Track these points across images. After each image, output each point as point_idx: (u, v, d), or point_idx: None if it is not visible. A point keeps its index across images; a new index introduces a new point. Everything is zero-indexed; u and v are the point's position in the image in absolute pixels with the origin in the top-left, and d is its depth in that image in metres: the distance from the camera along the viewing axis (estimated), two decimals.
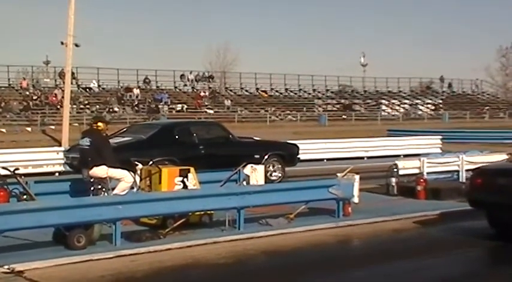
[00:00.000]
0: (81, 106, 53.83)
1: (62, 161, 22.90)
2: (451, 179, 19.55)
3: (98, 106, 54.65)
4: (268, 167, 19.99)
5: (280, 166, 20.48)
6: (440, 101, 75.82)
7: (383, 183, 18.11)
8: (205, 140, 19.87)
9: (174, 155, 18.04)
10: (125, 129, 21.35)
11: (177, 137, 19.50)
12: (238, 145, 20.38)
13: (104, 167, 13.24)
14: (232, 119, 53.28)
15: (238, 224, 12.60)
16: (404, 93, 77.20)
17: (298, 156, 21.71)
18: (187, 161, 15.83)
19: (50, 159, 23.60)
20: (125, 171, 13.43)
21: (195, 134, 19.80)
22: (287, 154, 21.07)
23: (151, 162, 14.12)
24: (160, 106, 56.86)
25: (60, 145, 30.34)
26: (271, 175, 20.02)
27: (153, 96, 59.57)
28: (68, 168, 20.85)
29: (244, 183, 15.26)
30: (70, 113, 35.88)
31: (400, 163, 18.63)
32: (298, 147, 21.93)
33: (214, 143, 20.01)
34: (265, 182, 18.19)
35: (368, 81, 77.35)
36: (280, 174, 20.36)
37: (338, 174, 15.18)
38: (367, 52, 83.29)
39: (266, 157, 19.85)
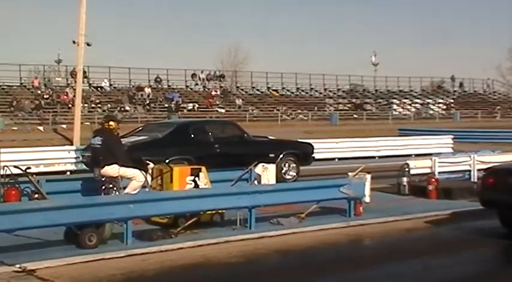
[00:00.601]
0: (93, 105, 53.97)
1: (74, 160, 23.03)
2: (463, 178, 19.48)
3: (109, 105, 54.78)
4: (283, 166, 20.09)
5: (295, 165, 20.55)
6: (452, 101, 75.60)
7: (394, 183, 18.07)
8: (221, 138, 19.92)
9: (189, 153, 18.14)
10: (140, 128, 21.45)
11: (192, 136, 19.55)
12: (253, 144, 20.42)
13: (115, 166, 13.26)
14: (243, 118, 53.25)
15: (250, 223, 12.59)
16: (416, 92, 77.02)
17: (313, 155, 21.72)
18: (203, 160, 16.06)
19: (62, 158, 23.64)
20: (137, 170, 13.46)
21: (210, 133, 19.86)
22: (302, 153, 21.10)
23: (167, 161, 14.12)
24: (173, 105, 57.01)
25: (71, 144, 30.42)
26: (286, 174, 20.11)
27: (164, 96, 59.65)
28: (84, 166, 20.91)
29: (256, 182, 15.27)
30: (81, 112, 35.99)
31: (412, 162, 18.57)
32: (312, 146, 21.94)
33: (230, 142, 20.05)
34: (280, 181, 18.37)
35: (379, 80, 77.24)
36: (295, 173, 20.41)
37: (349, 174, 15.15)
38: (378, 51, 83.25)
39: (281, 156, 19.98)
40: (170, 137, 19.22)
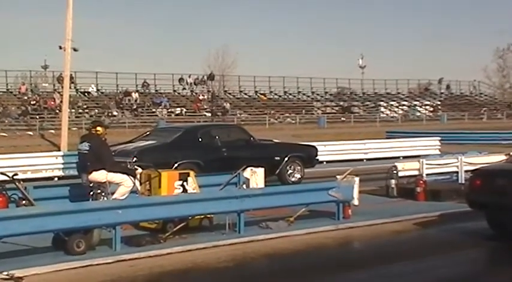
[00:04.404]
0: (80, 110, 53.83)
1: (61, 166, 22.95)
2: (450, 180, 19.53)
3: (96, 110, 54.67)
4: (288, 168, 20.38)
5: (299, 167, 20.86)
6: (439, 103, 75.92)
7: (383, 185, 18.08)
8: (228, 142, 20.03)
9: (197, 157, 18.43)
10: (148, 133, 21.53)
11: (200, 140, 19.65)
12: (259, 147, 20.62)
13: (103, 171, 13.21)
14: (231, 122, 53.20)
15: (239, 228, 12.58)
16: (403, 94, 77.28)
17: (317, 158, 21.95)
18: (211, 164, 17.53)
19: (49, 164, 23.51)
20: (125, 176, 13.40)
21: (217, 137, 19.95)
22: (306, 156, 21.39)
23: (176, 165, 14.75)
24: (159, 110, 56.96)
25: (59, 150, 30.28)
26: (291, 176, 20.45)
27: (152, 100, 59.58)
28: (71, 172, 20.85)
29: (244, 186, 15.26)
30: (69, 117, 35.80)
31: (400, 165, 18.60)
32: (316, 148, 22.34)
33: (236, 145, 20.14)
34: (285, 183, 19.12)
35: (366, 83, 77.59)
36: (299, 176, 20.67)
37: (338, 177, 15.15)
38: (366, 54, 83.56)
39: (286, 159, 20.21)
40: (178, 141, 19.35)
